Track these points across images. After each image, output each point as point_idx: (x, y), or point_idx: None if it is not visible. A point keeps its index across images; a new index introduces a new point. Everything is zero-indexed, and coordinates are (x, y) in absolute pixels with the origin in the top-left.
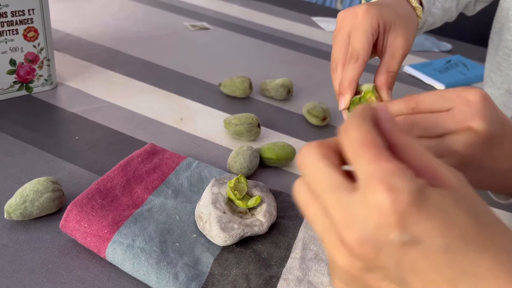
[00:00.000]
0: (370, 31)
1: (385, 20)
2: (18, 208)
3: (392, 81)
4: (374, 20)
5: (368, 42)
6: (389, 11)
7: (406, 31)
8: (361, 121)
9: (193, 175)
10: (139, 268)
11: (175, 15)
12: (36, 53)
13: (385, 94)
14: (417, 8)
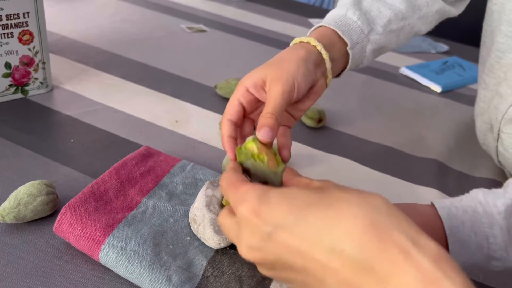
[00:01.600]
0: (236, 98)
1: (253, 80)
2: (12, 211)
3: (267, 120)
4: (238, 89)
5: (232, 105)
6: (257, 70)
7: (279, 74)
8: (228, 170)
9: (187, 178)
10: (132, 271)
11: (172, 17)
12: (32, 56)
13: (259, 132)
14: (310, 41)
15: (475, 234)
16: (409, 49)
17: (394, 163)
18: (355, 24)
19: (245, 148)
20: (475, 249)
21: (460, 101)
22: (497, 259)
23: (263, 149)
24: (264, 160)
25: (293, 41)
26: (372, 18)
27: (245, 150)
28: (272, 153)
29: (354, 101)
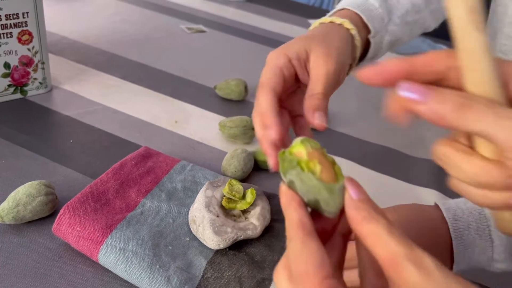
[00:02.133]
0: (278, 66)
1: (296, 51)
2: (11, 211)
3: (320, 102)
4: (280, 57)
5: (273, 73)
6: (298, 41)
7: (327, 49)
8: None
9: (187, 178)
10: (132, 272)
11: (171, 17)
12: (31, 56)
13: (314, 116)
14: (344, 23)
15: (480, 237)
16: (408, 50)
17: (394, 164)
18: (377, 11)
19: (290, 154)
20: (479, 251)
21: None
22: (500, 261)
23: (316, 154)
24: (315, 171)
25: (320, 20)
26: (391, 7)
27: (290, 156)
28: (329, 161)
29: (354, 102)
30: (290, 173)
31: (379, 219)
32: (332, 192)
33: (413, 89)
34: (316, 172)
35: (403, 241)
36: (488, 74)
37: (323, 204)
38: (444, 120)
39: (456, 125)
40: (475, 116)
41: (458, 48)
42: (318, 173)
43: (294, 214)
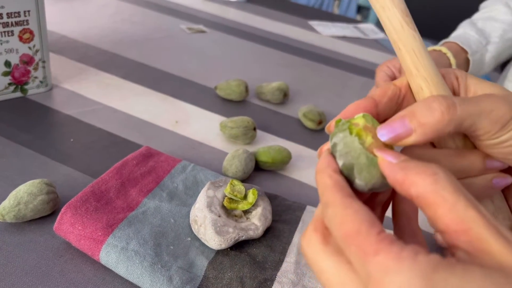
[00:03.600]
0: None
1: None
2: (12, 210)
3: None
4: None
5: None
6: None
7: None
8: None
9: (188, 178)
10: (133, 271)
11: (172, 17)
12: (32, 54)
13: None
14: (442, 49)
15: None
16: None
17: None
18: (473, 38)
19: (347, 121)
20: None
21: None
22: None
23: (373, 130)
24: (363, 139)
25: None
26: (488, 33)
27: (345, 122)
28: (385, 144)
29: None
30: (337, 136)
31: (438, 173)
32: (371, 163)
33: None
34: (365, 141)
35: (473, 204)
36: (430, 68)
37: (357, 171)
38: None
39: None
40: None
41: (399, 49)
42: (366, 143)
43: (328, 179)
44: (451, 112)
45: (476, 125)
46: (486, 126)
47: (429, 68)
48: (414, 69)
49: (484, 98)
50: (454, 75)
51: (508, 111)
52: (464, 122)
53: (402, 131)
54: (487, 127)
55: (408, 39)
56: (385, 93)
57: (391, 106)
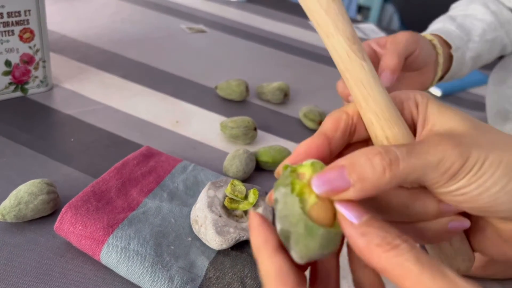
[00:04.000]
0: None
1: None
2: (13, 210)
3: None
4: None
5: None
6: None
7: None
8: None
9: (189, 178)
10: (134, 271)
11: (172, 17)
12: (32, 54)
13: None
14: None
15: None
16: None
17: None
18: (455, 32)
19: (292, 171)
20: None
21: (461, 105)
22: None
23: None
24: (306, 200)
25: None
26: (468, 30)
27: (290, 172)
28: (332, 206)
29: None
30: (279, 191)
31: (399, 244)
32: (309, 233)
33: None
34: (307, 203)
35: (439, 274)
36: (381, 101)
37: (293, 241)
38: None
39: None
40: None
41: (347, 80)
42: (308, 205)
43: (271, 266)
44: (393, 168)
45: (423, 178)
46: (434, 178)
47: (380, 101)
48: (363, 102)
49: (433, 146)
50: (414, 103)
51: (457, 160)
52: (409, 176)
53: (339, 185)
54: (435, 178)
55: (355, 70)
56: (337, 127)
57: (344, 139)
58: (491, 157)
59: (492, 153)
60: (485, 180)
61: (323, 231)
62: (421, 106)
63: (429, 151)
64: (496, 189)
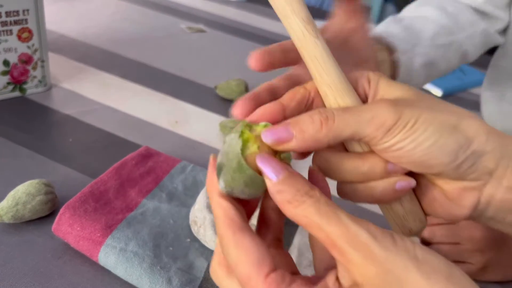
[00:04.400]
0: None
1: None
2: (10, 210)
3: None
4: None
5: None
6: None
7: None
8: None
9: (188, 179)
10: (132, 272)
11: (171, 17)
12: (30, 54)
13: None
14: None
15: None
16: None
17: None
18: (399, 35)
19: (248, 125)
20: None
21: (461, 105)
22: None
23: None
24: (248, 146)
25: None
26: (417, 32)
27: (244, 125)
28: (274, 152)
29: None
30: (229, 135)
31: (304, 200)
32: (239, 169)
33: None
34: (248, 149)
35: (334, 220)
36: (334, 74)
37: (223, 172)
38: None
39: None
40: (340, 124)
41: (303, 56)
42: (248, 151)
43: (219, 209)
44: (329, 123)
45: (359, 133)
46: (370, 133)
47: (333, 74)
48: (318, 75)
49: (368, 106)
50: (367, 79)
51: (391, 116)
52: (344, 131)
53: (284, 136)
54: (371, 134)
55: (310, 46)
56: (293, 97)
57: (300, 109)
58: (424, 116)
59: (426, 113)
60: (418, 135)
61: (251, 173)
62: (372, 82)
63: (364, 109)
64: (429, 143)
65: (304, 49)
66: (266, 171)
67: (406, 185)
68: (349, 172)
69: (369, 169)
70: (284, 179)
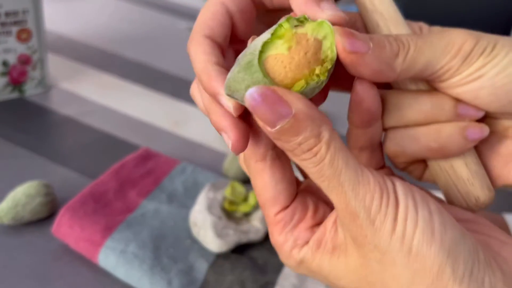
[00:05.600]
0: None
1: None
2: (10, 212)
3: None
4: None
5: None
6: None
7: None
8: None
9: (188, 180)
10: (132, 274)
11: (171, 17)
12: (29, 54)
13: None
14: None
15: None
16: None
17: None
18: None
19: (295, 20)
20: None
21: None
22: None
23: (306, 47)
24: (273, 45)
25: None
26: None
27: (291, 19)
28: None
29: None
30: (267, 32)
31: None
32: (247, 68)
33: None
34: (273, 47)
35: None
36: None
37: (231, 69)
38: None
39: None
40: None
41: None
42: (272, 50)
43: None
44: (405, 49)
45: (433, 64)
46: (445, 63)
47: (385, 2)
48: (369, 4)
49: (439, 33)
50: (417, 25)
51: (468, 41)
52: (417, 62)
53: (360, 45)
54: (447, 64)
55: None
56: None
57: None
58: (502, 41)
59: (502, 39)
60: (500, 59)
61: (260, 78)
62: (424, 28)
63: (436, 36)
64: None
65: None
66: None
67: (478, 133)
68: (414, 110)
69: (434, 106)
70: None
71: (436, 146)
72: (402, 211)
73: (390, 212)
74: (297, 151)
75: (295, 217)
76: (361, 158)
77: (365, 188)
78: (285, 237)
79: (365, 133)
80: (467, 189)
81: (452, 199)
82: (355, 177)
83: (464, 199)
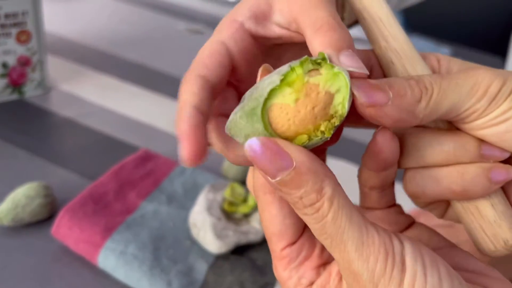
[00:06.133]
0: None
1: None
2: (10, 213)
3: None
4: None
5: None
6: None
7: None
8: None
9: (187, 181)
10: (132, 275)
11: (170, 18)
12: (29, 56)
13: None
14: None
15: None
16: None
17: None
18: None
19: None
20: None
21: None
22: None
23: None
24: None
25: None
26: None
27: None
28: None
29: None
30: (276, 72)
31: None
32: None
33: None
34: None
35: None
36: (402, 38)
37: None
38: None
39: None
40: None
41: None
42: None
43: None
44: (428, 93)
45: (458, 107)
46: (471, 106)
47: (400, 39)
48: (382, 41)
49: (463, 73)
50: (435, 57)
51: (494, 82)
52: (442, 106)
53: (379, 96)
54: (472, 106)
55: (375, 6)
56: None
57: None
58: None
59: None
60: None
61: (260, 129)
62: (443, 60)
63: (461, 76)
64: None
65: (366, 11)
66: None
67: (505, 174)
68: (436, 151)
69: (457, 147)
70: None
71: (459, 188)
72: (409, 277)
73: (395, 277)
74: (299, 205)
75: (302, 254)
76: (371, 196)
77: (369, 249)
78: (289, 274)
79: (378, 175)
80: (494, 231)
81: (479, 241)
82: (359, 236)
83: (492, 242)
